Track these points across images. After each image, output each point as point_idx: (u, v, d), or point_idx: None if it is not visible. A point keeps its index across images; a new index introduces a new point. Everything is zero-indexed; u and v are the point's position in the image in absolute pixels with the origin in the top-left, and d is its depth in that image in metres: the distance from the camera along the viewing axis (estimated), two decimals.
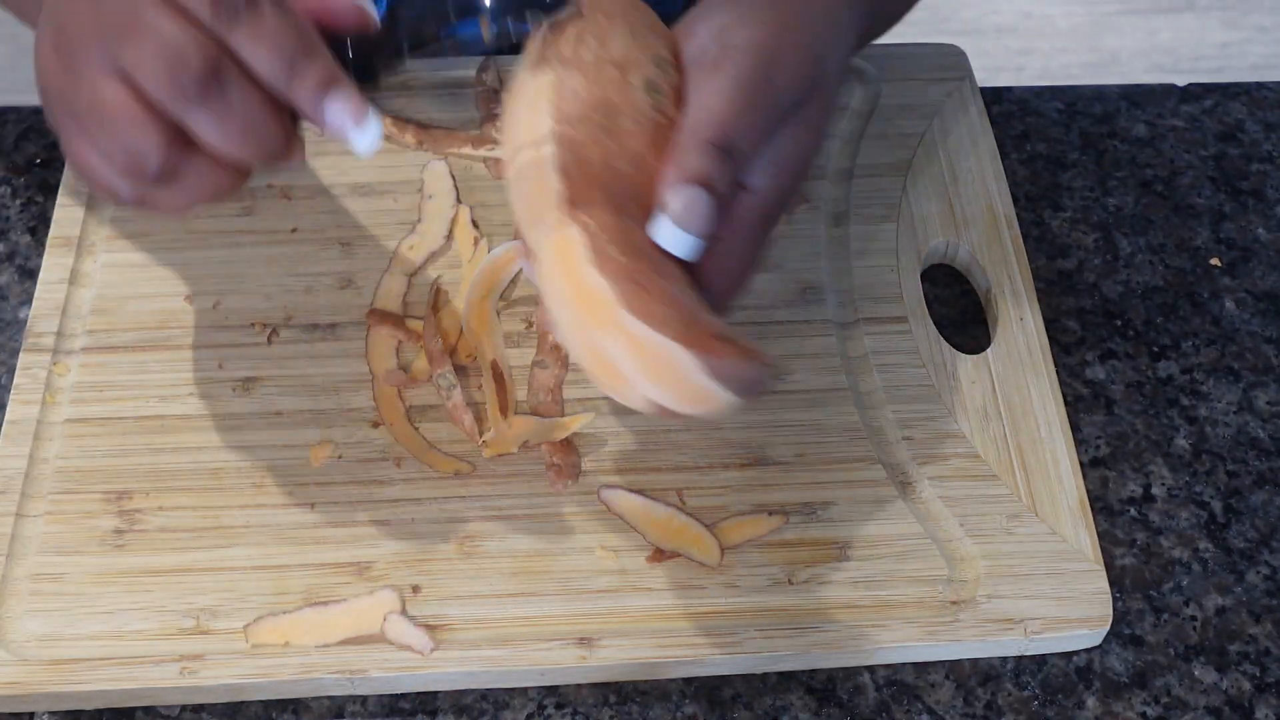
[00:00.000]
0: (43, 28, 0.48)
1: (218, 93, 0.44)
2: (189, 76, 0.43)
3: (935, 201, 0.69)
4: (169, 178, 0.46)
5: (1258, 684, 0.56)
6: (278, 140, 0.46)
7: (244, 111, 0.45)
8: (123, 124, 0.45)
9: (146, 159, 0.45)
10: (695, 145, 0.46)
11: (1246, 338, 0.66)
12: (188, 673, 0.54)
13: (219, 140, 0.45)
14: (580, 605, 0.56)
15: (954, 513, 0.59)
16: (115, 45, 0.44)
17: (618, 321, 0.43)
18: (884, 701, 0.56)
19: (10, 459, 0.60)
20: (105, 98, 0.45)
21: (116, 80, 0.45)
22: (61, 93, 0.47)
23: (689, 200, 0.46)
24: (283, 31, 0.45)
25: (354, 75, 0.47)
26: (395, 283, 0.65)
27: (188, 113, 0.45)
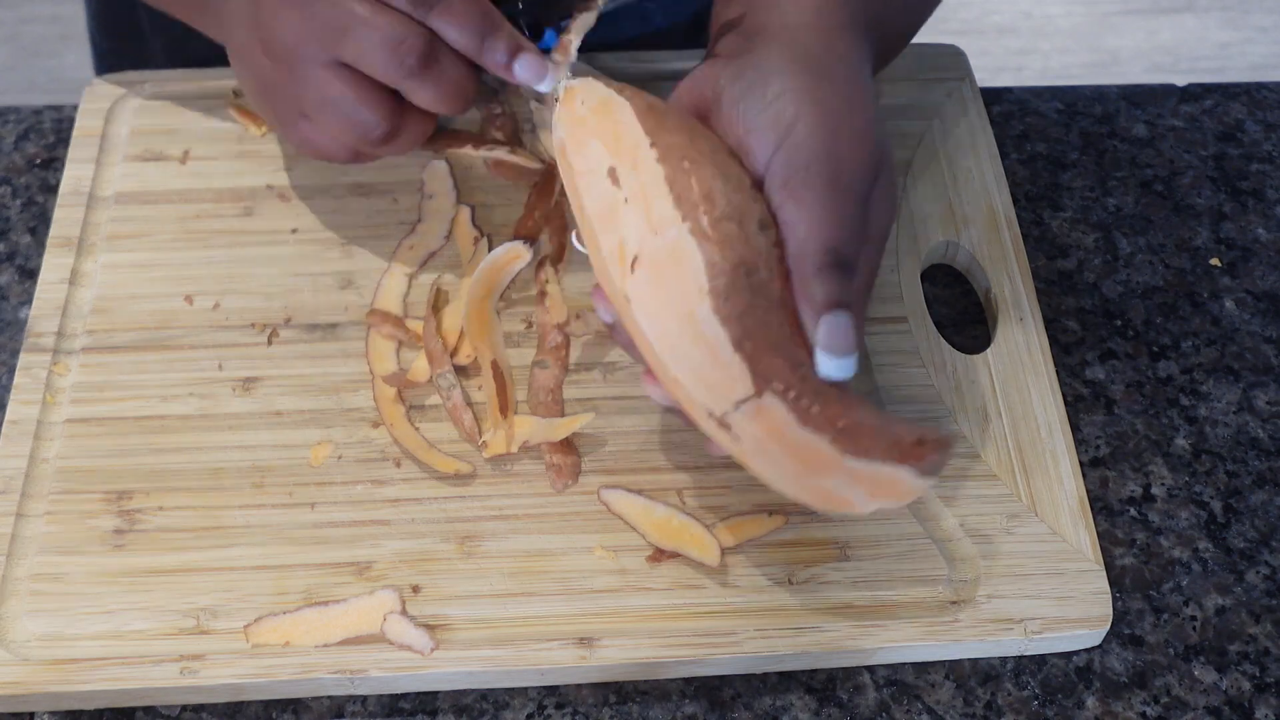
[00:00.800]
0: (243, 37, 0.58)
1: (434, 65, 0.55)
2: (412, 55, 0.54)
3: (935, 201, 0.69)
4: (391, 138, 0.58)
5: (1258, 684, 0.56)
6: (473, 92, 0.57)
7: (454, 77, 0.56)
8: (351, 105, 0.56)
9: (374, 129, 0.57)
10: (812, 275, 0.49)
11: (1246, 338, 0.66)
12: (188, 673, 0.54)
13: (436, 101, 0.56)
14: (580, 605, 0.56)
15: (954, 513, 0.59)
16: (334, 42, 0.54)
17: (844, 467, 0.48)
18: (884, 701, 0.56)
19: (10, 459, 0.60)
20: (330, 87, 0.56)
21: (336, 71, 0.55)
22: (285, 90, 0.57)
23: (830, 327, 0.49)
24: (470, 10, 0.55)
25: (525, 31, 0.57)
26: (395, 283, 0.65)
27: (411, 84, 0.55)
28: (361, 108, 0.56)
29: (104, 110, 0.71)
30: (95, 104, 0.72)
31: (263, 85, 0.58)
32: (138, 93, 0.72)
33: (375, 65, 0.55)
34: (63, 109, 0.74)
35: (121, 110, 0.71)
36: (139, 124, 0.71)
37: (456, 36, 0.55)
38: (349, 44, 0.54)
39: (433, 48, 0.55)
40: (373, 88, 0.56)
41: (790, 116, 0.51)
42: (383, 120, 0.57)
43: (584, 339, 0.64)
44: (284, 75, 0.57)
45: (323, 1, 0.54)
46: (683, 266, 0.49)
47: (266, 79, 0.58)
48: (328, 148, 0.59)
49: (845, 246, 0.50)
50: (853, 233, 0.50)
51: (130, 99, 0.72)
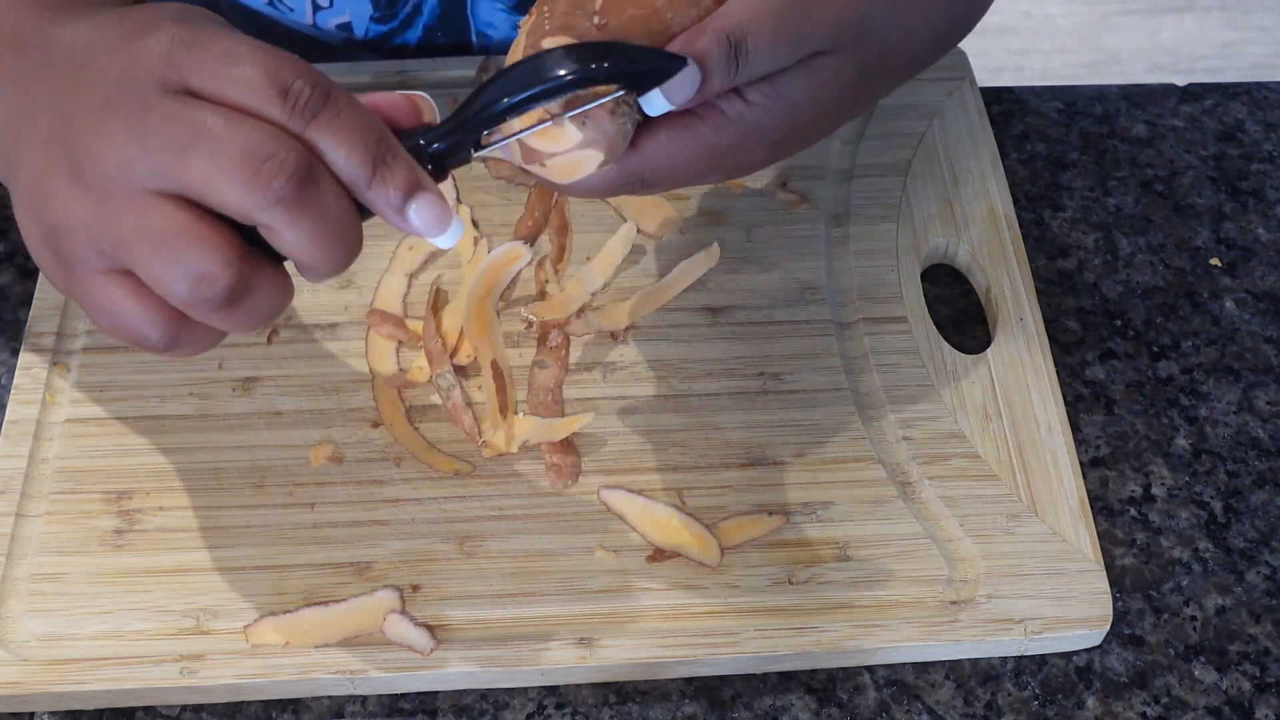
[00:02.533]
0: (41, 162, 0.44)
1: (314, 194, 0.42)
2: (282, 176, 0.41)
3: (935, 201, 0.69)
4: (236, 299, 0.43)
5: (1258, 684, 0.56)
6: (356, 241, 0.44)
7: (335, 210, 0.42)
8: (186, 245, 0.41)
9: (216, 281, 0.42)
10: (709, 29, 0.46)
11: (1246, 338, 0.66)
12: (188, 673, 0.54)
13: (307, 246, 0.42)
14: (580, 605, 0.56)
15: (954, 513, 0.59)
16: (174, 161, 0.41)
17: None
18: (884, 701, 0.56)
19: (10, 459, 0.60)
20: (161, 220, 0.41)
21: (171, 201, 0.42)
22: (87, 224, 0.43)
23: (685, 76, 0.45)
24: (363, 127, 0.43)
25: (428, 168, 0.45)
26: (395, 283, 0.65)
27: (278, 218, 0.42)
28: (200, 250, 0.41)
29: None
30: None
31: (60, 230, 0.43)
32: None
33: (227, 191, 0.41)
34: None
35: None
36: None
37: (343, 159, 0.42)
38: (193, 164, 0.41)
39: (312, 168, 0.42)
40: (217, 225, 0.42)
41: None
42: (227, 267, 0.41)
43: (584, 339, 0.64)
44: (95, 209, 0.42)
45: (161, 108, 0.42)
46: None
47: (66, 219, 0.43)
48: (136, 318, 0.43)
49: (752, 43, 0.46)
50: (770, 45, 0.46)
51: None
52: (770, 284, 0.65)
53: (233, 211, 0.42)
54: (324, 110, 0.42)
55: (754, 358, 0.63)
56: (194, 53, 0.43)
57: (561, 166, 0.47)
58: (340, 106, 0.43)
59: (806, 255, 0.67)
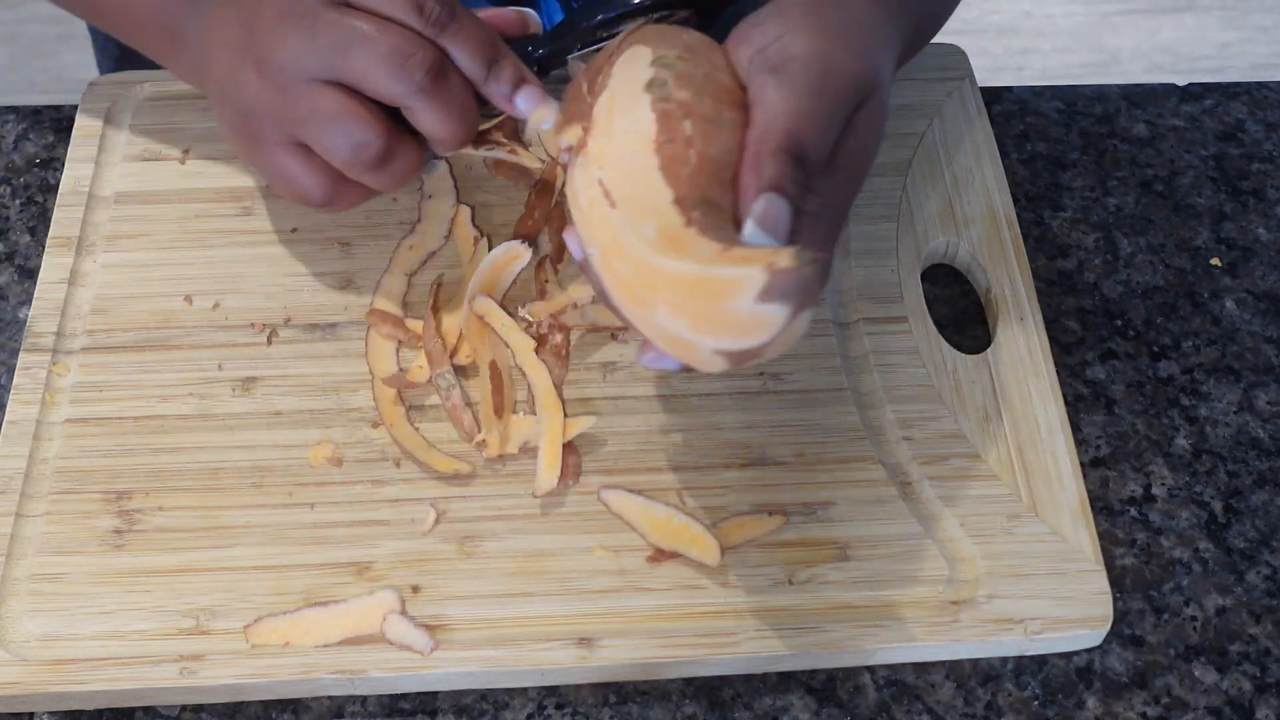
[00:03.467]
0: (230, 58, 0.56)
1: (443, 84, 0.54)
2: (421, 70, 0.53)
3: (935, 201, 0.69)
4: (385, 162, 0.55)
5: (1258, 684, 0.56)
6: (475, 122, 0.56)
7: (459, 99, 0.55)
8: (349, 120, 0.54)
9: (370, 146, 0.54)
10: (769, 153, 0.48)
11: (1246, 338, 0.66)
12: (188, 673, 0.54)
13: (439, 124, 0.55)
14: (580, 605, 0.56)
15: (954, 513, 0.59)
16: (337, 57, 0.53)
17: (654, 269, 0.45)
18: (884, 701, 0.56)
19: (10, 459, 0.60)
20: (327, 102, 0.54)
21: (334, 88, 0.54)
22: (270, 106, 0.55)
23: (768, 205, 0.47)
24: (481, 37, 0.55)
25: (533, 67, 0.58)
26: (395, 283, 0.65)
27: (417, 101, 0.54)
28: (359, 123, 0.54)
29: (104, 110, 0.71)
30: (95, 104, 0.71)
31: (247, 112, 0.56)
32: (138, 93, 0.72)
33: (380, 80, 0.53)
34: (63, 109, 0.74)
35: (121, 110, 0.71)
36: (139, 124, 0.71)
37: (465, 60, 0.55)
38: (353, 59, 0.53)
39: (442, 66, 0.54)
40: (370, 105, 0.54)
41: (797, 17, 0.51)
42: (379, 137, 0.55)
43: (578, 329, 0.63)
44: (274, 95, 0.55)
45: (327, 17, 0.53)
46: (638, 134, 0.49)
47: (253, 103, 0.56)
48: (305, 179, 0.57)
49: (811, 145, 0.49)
50: (821, 137, 0.49)
51: (130, 99, 0.72)
52: None
53: (383, 96, 0.54)
54: (451, 22, 0.55)
55: None
56: None
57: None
58: (464, 20, 0.55)
59: None
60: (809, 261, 0.43)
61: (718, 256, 0.44)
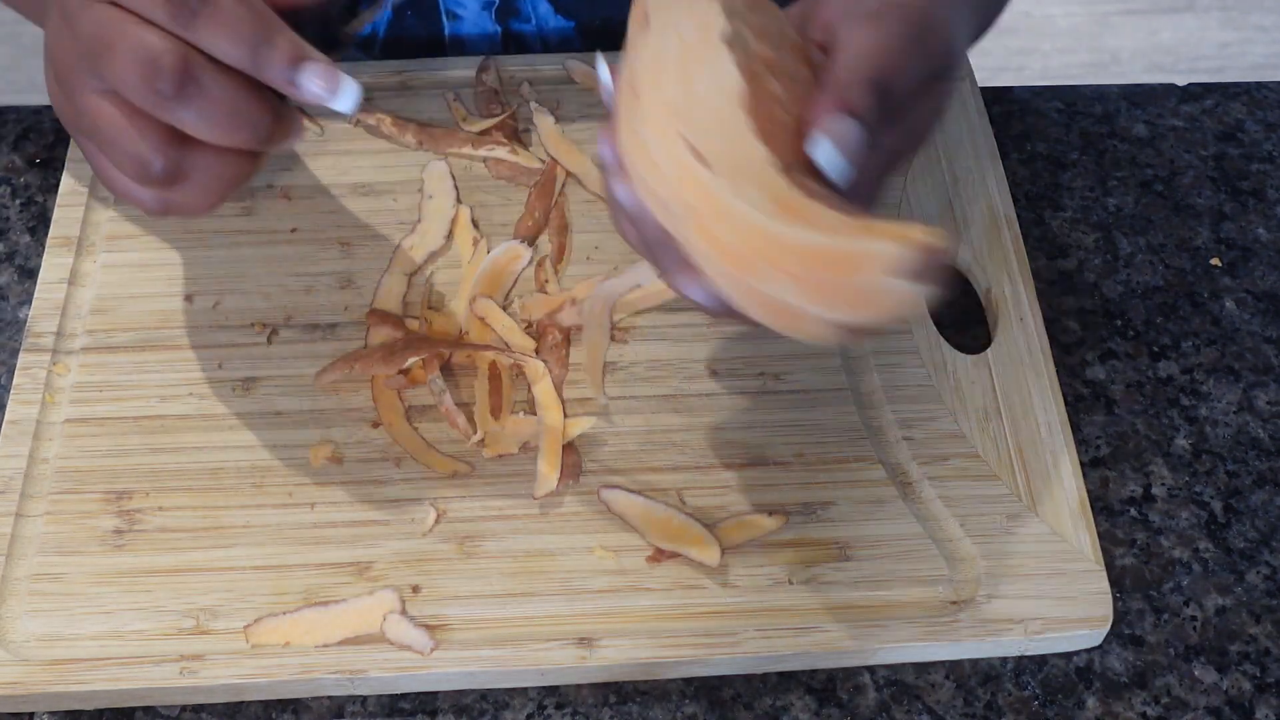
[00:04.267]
0: (46, 60, 0.51)
1: (195, 88, 0.46)
2: (163, 79, 0.46)
3: (935, 201, 0.69)
4: (178, 177, 0.48)
5: (1258, 684, 0.56)
6: (266, 119, 0.48)
7: (224, 99, 0.47)
8: (121, 136, 0.47)
9: (150, 164, 0.48)
10: (856, 81, 0.46)
11: (1246, 338, 0.66)
12: (188, 673, 0.54)
13: (209, 131, 0.47)
14: (580, 605, 0.56)
15: (954, 513, 0.59)
16: (95, 65, 0.47)
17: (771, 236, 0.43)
18: (884, 701, 0.56)
19: (10, 459, 0.60)
20: (103, 116, 0.47)
21: (107, 99, 0.47)
22: (68, 118, 0.50)
23: (846, 127, 0.45)
24: (240, 17, 0.46)
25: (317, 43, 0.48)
26: (395, 283, 0.65)
27: (172, 112, 0.47)
28: (132, 140, 0.47)
29: None
30: None
31: (58, 114, 0.51)
32: None
33: (128, 91, 0.46)
34: None
35: None
36: None
37: (226, 49, 0.46)
38: (107, 67, 0.46)
39: (189, 66, 0.46)
40: (139, 117, 0.47)
41: None
42: (156, 152, 0.47)
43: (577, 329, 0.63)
44: (66, 104, 0.49)
45: (85, 17, 0.47)
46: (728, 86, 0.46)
47: (59, 108, 0.51)
48: (124, 186, 0.50)
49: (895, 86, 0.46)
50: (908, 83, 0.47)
51: None
52: None
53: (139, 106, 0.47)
54: (202, 8, 0.46)
55: (754, 358, 0.63)
56: None
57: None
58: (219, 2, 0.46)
59: None
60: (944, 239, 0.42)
61: (847, 227, 0.43)
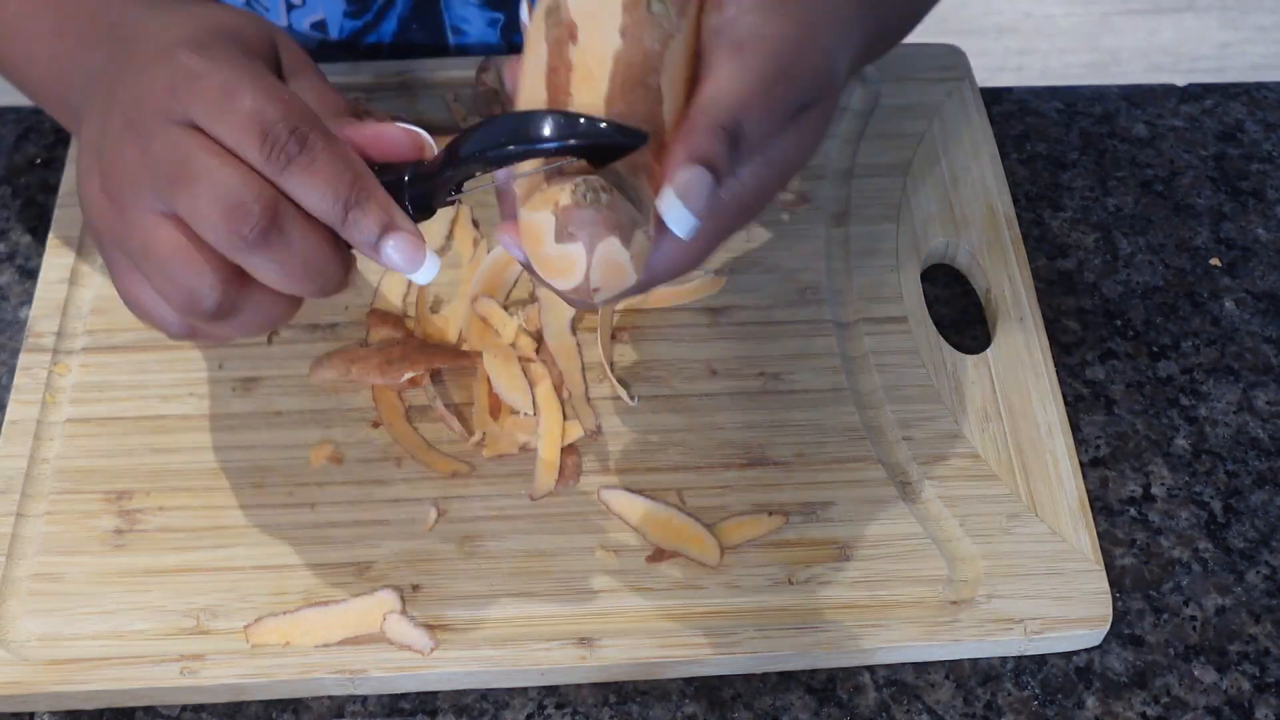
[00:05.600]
0: (87, 165, 0.49)
1: (278, 238, 0.45)
2: (249, 224, 0.44)
3: (935, 201, 0.69)
4: (225, 314, 0.47)
5: (1258, 684, 0.56)
6: (338, 274, 0.47)
7: (303, 252, 0.45)
8: (178, 266, 0.46)
9: (203, 298, 0.46)
10: (706, 126, 0.45)
11: (1246, 338, 0.66)
12: (188, 673, 0.54)
13: (278, 280, 0.46)
14: (580, 605, 0.56)
15: (954, 513, 0.59)
16: (168, 190, 0.45)
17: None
18: (884, 701, 0.56)
19: (10, 459, 0.60)
20: (160, 240, 0.46)
21: (170, 223, 0.46)
22: (113, 232, 0.48)
23: (691, 177, 0.45)
24: (336, 172, 0.45)
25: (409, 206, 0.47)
26: (395, 283, 0.65)
27: (249, 258, 0.45)
28: (190, 272, 0.45)
29: None
30: None
31: (94, 223, 0.49)
32: None
33: (207, 227, 0.45)
34: None
35: None
36: None
37: (316, 201, 0.45)
38: (183, 196, 0.45)
39: (277, 215, 0.45)
40: (206, 251, 0.46)
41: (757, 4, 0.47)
42: (214, 288, 0.46)
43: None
44: (114, 219, 0.47)
45: (163, 140, 0.45)
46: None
47: (100, 220, 0.48)
48: (153, 310, 0.49)
49: (751, 130, 0.46)
50: (766, 125, 0.46)
51: None
52: (770, 284, 0.65)
53: (212, 246, 0.45)
54: (300, 156, 0.45)
55: (754, 358, 0.63)
56: (195, 86, 0.46)
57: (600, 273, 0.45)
58: (316, 151, 0.45)
59: (806, 255, 0.67)
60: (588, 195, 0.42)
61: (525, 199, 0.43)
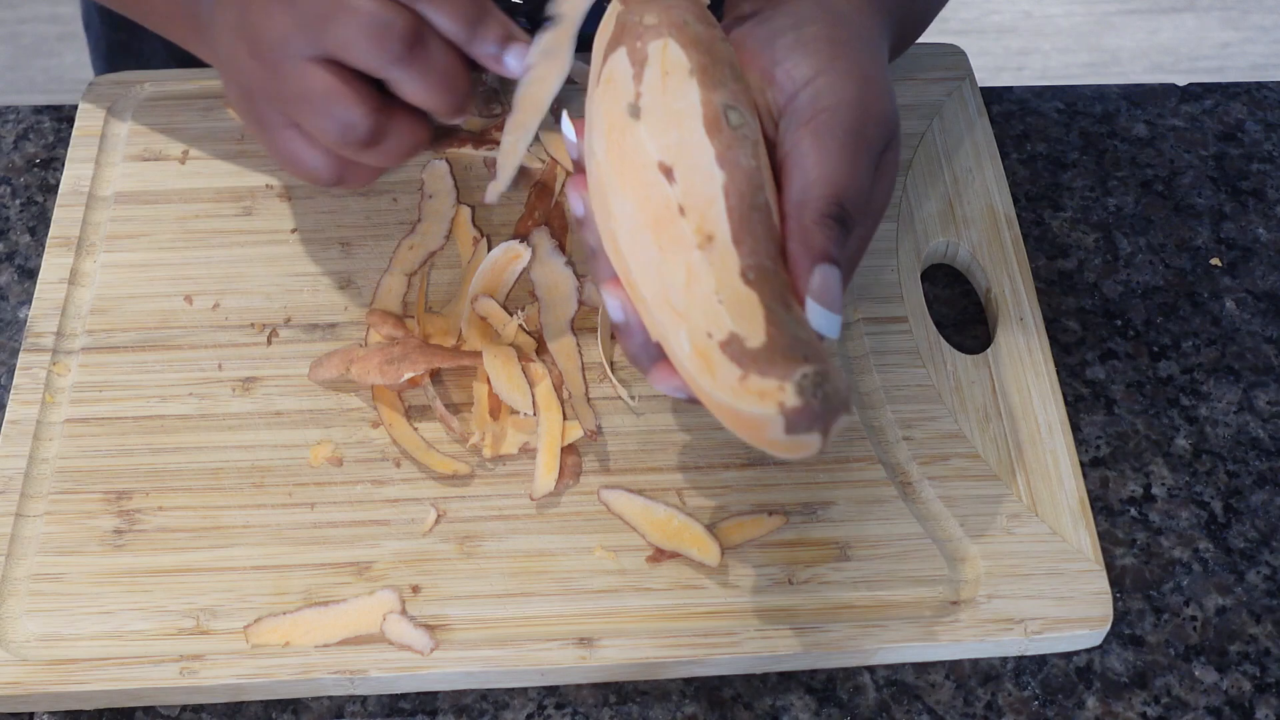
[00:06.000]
0: (230, 41, 0.55)
1: (422, 52, 0.52)
2: (397, 41, 0.51)
3: (935, 201, 0.69)
4: (377, 140, 0.53)
5: (1258, 684, 0.56)
6: (466, 87, 0.54)
7: (443, 66, 0.52)
8: (334, 100, 0.52)
9: (358, 127, 0.52)
10: (815, 223, 0.48)
11: (1246, 338, 0.66)
12: (188, 673, 0.54)
13: (424, 93, 0.53)
14: (580, 605, 0.56)
15: (954, 513, 0.59)
16: (318, 33, 0.51)
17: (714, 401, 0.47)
18: (884, 701, 0.56)
19: (10, 459, 0.60)
20: (314, 82, 0.52)
21: (321, 66, 0.52)
22: (267, 89, 0.54)
23: (824, 279, 0.47)
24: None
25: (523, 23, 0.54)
26: (395, 283, 0.65)
27: (397, 72, 0.52)
28: (344, 103, 0.52)
29: (103, 110, 0.71)
30: (94, 104, 0.71)
31: (248, 92, 0.55)
32: (137, 93, 0.72)
33: (358, 52, 0.51)
34: (62, 109, 0.74)
35: (121, 110, 0.71)
36: (139, 124, 0.71)
37: (446, 23, 0.52)
38: (333, 33, 0.51)
39: (420, 33, 0.52)
40: (357, 82, 0.52)
41: (824, 58, 0.50)
42: (366, 117, 0.52)
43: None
44: (268, 76, 0.53)
45: None
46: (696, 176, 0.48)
47: (252, 84, 0.54)
48: (310, 160, 0.55)
49: (852, 202, 0.49)
50: (861, 191, 0.49)
51: (130, 99, 0.72)
52: None
53: (365, 69, 0.52)
54: None
55: None
56: None
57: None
58: None
59: None
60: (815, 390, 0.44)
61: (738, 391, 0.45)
